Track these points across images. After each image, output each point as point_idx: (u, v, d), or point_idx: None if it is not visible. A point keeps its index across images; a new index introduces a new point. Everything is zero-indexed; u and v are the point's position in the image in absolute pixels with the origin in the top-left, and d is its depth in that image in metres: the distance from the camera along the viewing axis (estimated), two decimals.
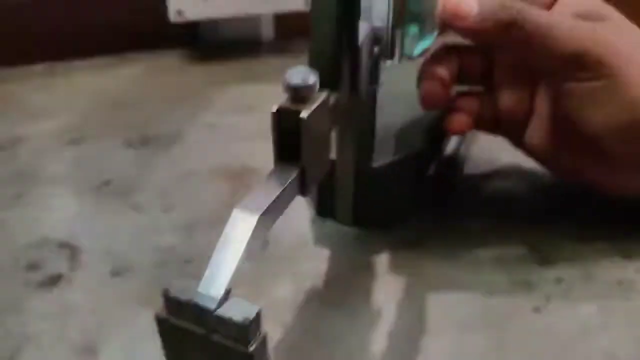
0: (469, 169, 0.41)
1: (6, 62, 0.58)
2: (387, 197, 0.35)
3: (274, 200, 0.22)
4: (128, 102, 0.52)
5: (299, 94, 0.23)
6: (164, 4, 0.55)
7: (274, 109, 0.23)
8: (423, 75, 0.34)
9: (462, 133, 0.40)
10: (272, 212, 0.22)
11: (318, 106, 0.24)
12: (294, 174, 0.24)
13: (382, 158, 0.34)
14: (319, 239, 0.35)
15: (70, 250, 0.34)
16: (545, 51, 0.30)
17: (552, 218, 0.36)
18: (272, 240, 0.34)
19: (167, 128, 0.47)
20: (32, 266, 0.33)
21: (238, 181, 0.40)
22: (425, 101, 0.34)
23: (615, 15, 0.33)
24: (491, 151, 0.42)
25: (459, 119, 0.35)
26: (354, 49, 0.28)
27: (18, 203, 0.38)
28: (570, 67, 0.30)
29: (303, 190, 0.25)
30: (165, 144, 0.45)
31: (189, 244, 0.34)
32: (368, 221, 0.36)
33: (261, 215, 0.21)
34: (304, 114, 0.23)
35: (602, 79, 0.30)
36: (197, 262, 0.32)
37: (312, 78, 0.23)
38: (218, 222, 0.22)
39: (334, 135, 0.30)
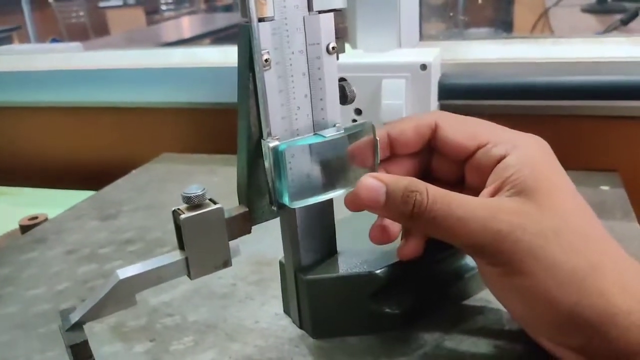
0: None
1: None
2: (329, 309, 0.39)
3: (148, 271, 0.32)
4: None
5: (190, 202, 0.33)
6: None
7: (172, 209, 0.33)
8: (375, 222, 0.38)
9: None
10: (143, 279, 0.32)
11: (200, 213, 0.33)
12: (178, 258, 0.33)
13: (321, 272, 0.39)
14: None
15: None
16: (446, 239, 0.33)
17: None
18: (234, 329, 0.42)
19: None
20: None
21: None
22: (374, 242, 0.38)
23: (548, 187, 0.33)
24: None
25: (409, 247, 0.38)
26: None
27: None
28: (470, 252, 0.34)
29: (189, 273, 0.34)
30: None
31: None
32: (320, 329, 0.39)
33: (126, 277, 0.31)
34: (183, 217, 0.32)
35: (498, 266, 0.32)
36: None
37: (196, 192, 0.32)
38: None
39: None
